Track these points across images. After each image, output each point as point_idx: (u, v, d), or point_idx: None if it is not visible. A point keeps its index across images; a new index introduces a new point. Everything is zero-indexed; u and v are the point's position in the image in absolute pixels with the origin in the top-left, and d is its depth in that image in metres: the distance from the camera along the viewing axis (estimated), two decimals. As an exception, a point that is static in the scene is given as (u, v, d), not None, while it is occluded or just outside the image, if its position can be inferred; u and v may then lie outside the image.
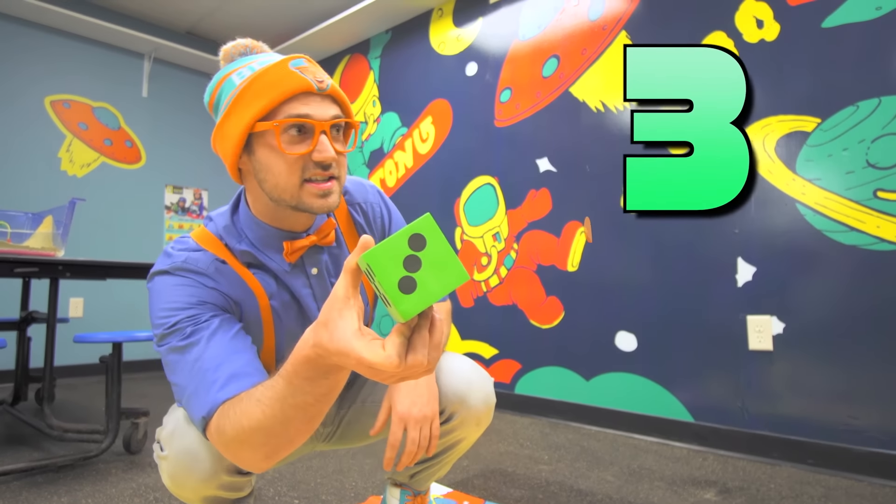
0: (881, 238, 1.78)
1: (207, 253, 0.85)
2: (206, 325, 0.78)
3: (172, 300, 0.80)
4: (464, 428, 1.03)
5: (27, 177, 3.35)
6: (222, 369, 0.74)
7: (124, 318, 3.67)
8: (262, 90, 0.77)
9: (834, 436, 1.83)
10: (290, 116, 0.78)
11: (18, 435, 2.20)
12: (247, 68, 0.81)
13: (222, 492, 0.84)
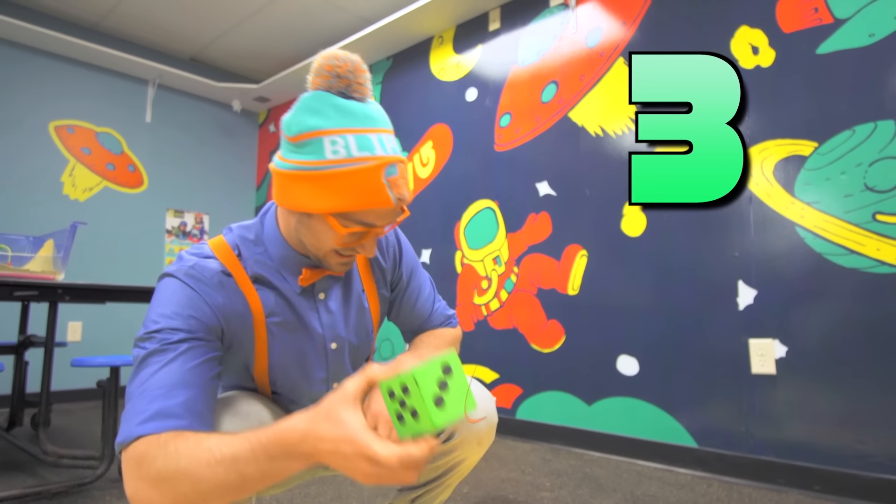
0: (881, 261, 1.78)
1: (216, 262, 0.85)
2: (174, 348, 0.76)
3: (165, 306, 0.79)
4: (465, 447, 1.01)
5: (30, 200, 3.37)
6: (156, 402, 0.71)
7: (123, 342, 3.64)
8: (349, 193, 0.77)
9: (841, 461, 1.80)
10: (359, 224, 0.81)
11: (13, 461, 2.17)
12: (343, 144, 0.77)
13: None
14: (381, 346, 3.22)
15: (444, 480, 1.07)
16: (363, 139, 0.78)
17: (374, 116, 0.81)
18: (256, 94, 4.15)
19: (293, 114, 0.81)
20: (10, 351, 2.36)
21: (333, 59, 0.79)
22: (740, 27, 2.14)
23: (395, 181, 0.79)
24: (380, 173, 0.77)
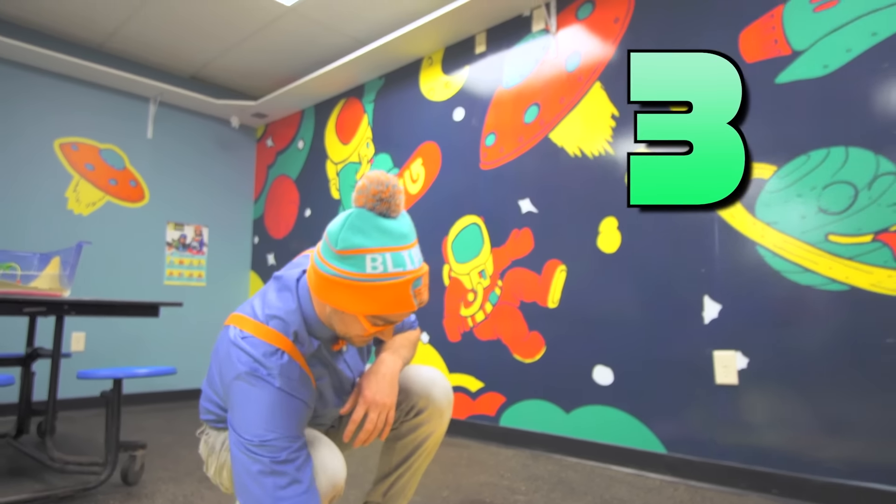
0: (833, 279, 1.91)
1: (292, 362, 0.98)
2: (300, 455, 0.94)
3: (272, 416, 0.93)
4: (431, 421, 1.19)
5: (35, 216, 3.51)
6: (301, 490, 0.91)
7: (125, 352, 3.78)
8: (382, 300, 0.93)
9: (797, 467, 1.92)
10: (385, 322, 0.98)
11: (21, 467, 2.30)
12: (381, 262, 0.91)
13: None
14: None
15: (413, 461, 1.20)
16: (398, 256, 0.92)
17: (406, 234, 0.95)
18: (254, 110, 4.30)
19: (341, 230, 0.93)
20: (19, 363, 2.49)
21: (378, 185, 0.92)
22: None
23: (419, 291, 0.96)
24: (408, 286, 0.93)
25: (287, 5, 3.26)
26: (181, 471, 2.24)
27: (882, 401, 1.79)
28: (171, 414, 3.60)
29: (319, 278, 0.95)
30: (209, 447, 1.16)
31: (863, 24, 1.93)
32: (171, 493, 1.97)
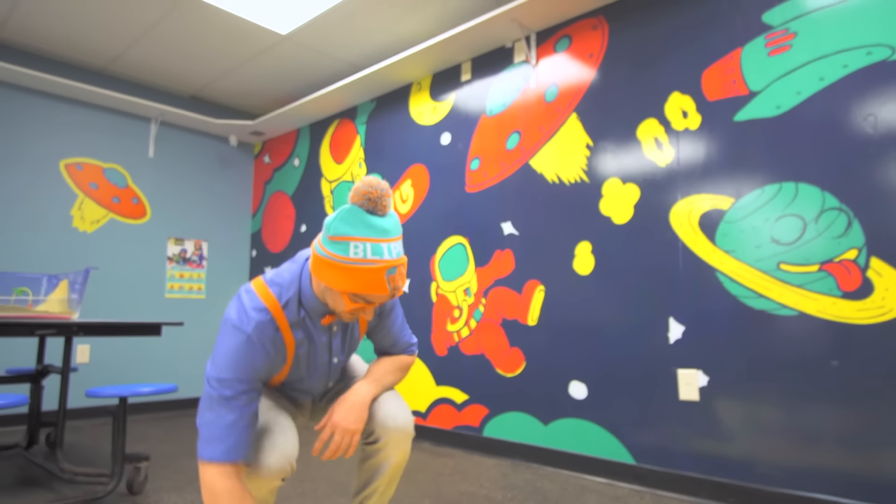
0: (784, 304, 2.07)
1: (272, 322, 1.19)
2: (245, 394, 1.15)
3: (236, 360, 1.15)
4: (387, 449, 1.33)
5: (42, 233, 3.67)
6: (241, 436, 1.13)
7: (128, 363, 3.94)
8: (360, 281, 1.12)
9: (751, 477, 2.08)
10: (363, 300, 1.16)
11: (32, 477, 2.46)
12: (362, 249, 1.11)
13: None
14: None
15: (378, 484, 1.36)
16: (377, 247, 1.12)
17: (389, 229, 1.14)
18: (252, 129, 4.46)
19: (334, 220, 1.13)
20: (30, 379, 2.65)
21: (368, 187, 1.12)
22: (673, 93, 2.43)
23: (393, 277, 1.14)
24: (383, 272, 1.12)
25: (283, 34, 3.42)
26: (182, 480, 2.40)
27: (828, 418, 1.95)
28: (171, 423, 3.76)
29: (314, 259, 1.16)
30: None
31: (811, 70, 2.09)
32: (173, 502, 2.12)
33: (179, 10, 3.18)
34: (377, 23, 3.28)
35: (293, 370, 1.31)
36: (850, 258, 1.95)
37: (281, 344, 1.22)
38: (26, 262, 3.59)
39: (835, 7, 2.05)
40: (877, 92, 1.95)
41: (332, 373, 1.39)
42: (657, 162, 2.45)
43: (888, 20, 1.94)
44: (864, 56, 1.98)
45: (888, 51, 1.93)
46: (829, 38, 2.05)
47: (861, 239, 1.93)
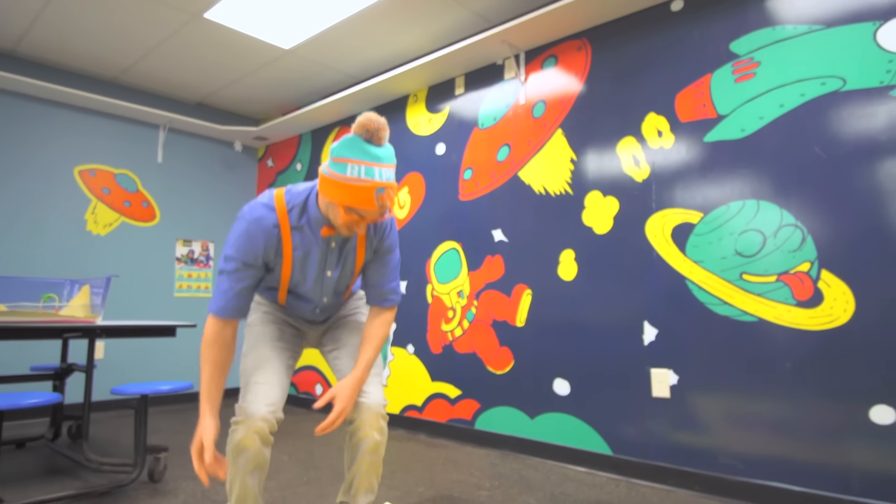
0: (745, 311, 2.28)
1: (272, 216, 1.45)
2: (238, 272, 1.45)
3: (238, 242, 1.44)
4: (362, 430, 1.55)
5: (58, 237, 3.87)
6: (225, 301, 1.45)
7: (140, 358, 4.15)
8: (353, 196, 1.34)
9: (714, 467, 2.30)
10: (356, 213, 1.38)
11: (59, 466, 2.68)
12: (357, 170, 1.33)
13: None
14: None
15: (361, 463, 1.56)
16: (369, 170, 1.33)
17: (381, 157, 1.36)
18: (256, 134, 4.64)
19: (338, 145, 1.36)
20: (56, 376, 2.86)
21: (368, 120, 1.34)
22: (649, 113, 2.63)
23: (381, 196, 1.35)
24: (372, 191, 1.34)
25: (286, 48, 3.60)
26: (197, 470, 2.62)
27: (782, 414, 2.16)
28: (184, 415, 3.98)
29: (320, 177, 1.40)
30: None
31: (773, 97, 2.28)
32: (190, 489, 2.34)
33: (189, 27, 3.36)
34: (375, 38, 3.47)
35: (293, 274, 1.53)
36: (804, 270, 2.15)
37: (277, 240, 1.47)
38: (44, 265, 3.80)
39: (794, 39, 2.24)
40: (830, 119, 2.14)
41: (326, 287, 1.59)
42: (634, 177, 2.65)
43: (840, 54, 2.13)
44: (819, 86, 2.18)
45: (840, 82, 2.13)
46: (789, 69, 2.25)
47: (813, 253, 2.14)
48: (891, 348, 1.96)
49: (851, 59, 2.11)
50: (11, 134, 3.74)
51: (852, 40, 2.11)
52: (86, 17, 3.27)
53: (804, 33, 2.22)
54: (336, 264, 1.57)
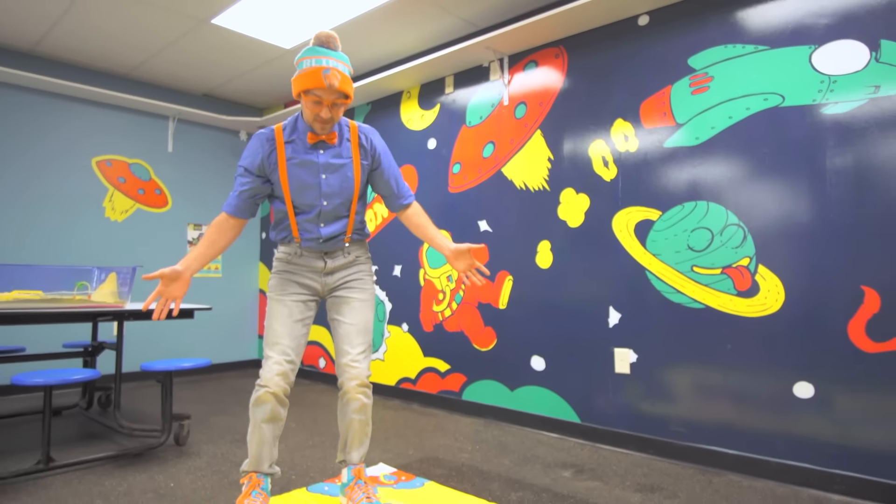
0: (695, 299, 2.60)
1: (270, 132, 1.86)
2: (244, 176, 1.87)
3: (245, 153, 1.89)
4: (349, 393, 1.91)
5: (78, 223, 4.19)
6: (232, 199, 1.87)
7: (156, 334, 4.51)
8: (307, 79, 1.71)
9: (666, 433, 2.65)
10: (314, 96, 1.73)
11: (93, 432, 3.05)
12: (310, 61, 1.72)
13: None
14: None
15: (350, 423, 1.90)
16: (318, 60, 1.72)
17: (329, 53, 1.74)
18: (259, 124, 4.91)
19: (301, 53, 1.75)
20: (89, 353, 3.22)
21: (321, 33, 1.76)
22: (617, 119, 2.90)
23: (328, 76, 1.69)
24: (320, 71, 1.70)
25: (286, 48, 3.85)
26: (215, 434, 2.99)
27: (723, 388, 2.50)
28: (200, 385, 4.36)
29: (292, 80, 1.78)
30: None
31: (723, 109, 2.56)
32: (210, 451, 2.71)
33: (197, 31, 3.61)
34: (371, 39, 3.71)
35: (290, 181, 1.84)
36: (744, 265, 2.46)
37: (272, 150, 1.84)
38: (66, 250, 4.12)
39: (743, 57, 2.51)
40: (770, 131, 2.42)
41: (325, 192, 1.86)
42: (604, 177, 2.94)
43: (780, 73, 2.40)
44: (762, 101, 2.45)
45: (779, 98, 2.40)
46: (737, 84, 2.52)
47: (752, 249, 2.45)
48: (812, 334, 2.28)
49: (790, 78, 2.38)
50: (33, 130, 4.03)
51: (791, 61, 2.38)
52: (101, 20, 3.52)
53: (752, 52, 2.49)
54: (330, 170, 1.87)
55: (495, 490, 2.23)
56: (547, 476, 2.41)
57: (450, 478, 2.37)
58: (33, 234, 4.00)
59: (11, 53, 3.96)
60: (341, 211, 1.92)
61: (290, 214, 1.89)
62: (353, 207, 1.94)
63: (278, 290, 1.92)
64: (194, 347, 4.75)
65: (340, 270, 1.97)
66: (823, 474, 2.22)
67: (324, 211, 1.89)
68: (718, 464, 2.48)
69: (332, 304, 2.00)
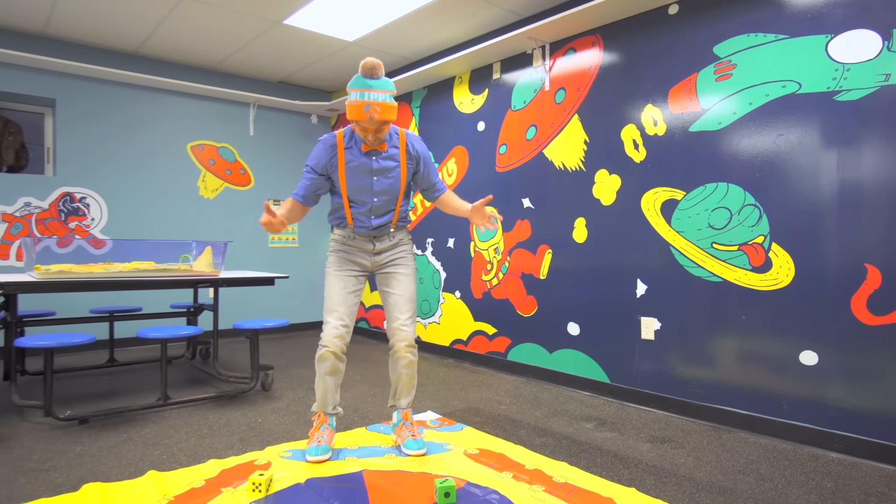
0: (714, 273, 2.82)
1: (333, 139, 2.23)
2: (311, 173, 2.27)
3: (312, 154, 2.28)
4: (397, 353, 2.35)
5: (177, 202, 4.85)
6: (300, 189, 2.29)
7: (242, 297, 5.17)
8: (354, 112, 2.07)
9: (685, 394, 2.93)
10: (357, 124, 2.12)
11: (196, 378, 3.68)
12: (357, 94, 2.06)
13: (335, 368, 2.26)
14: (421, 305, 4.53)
15: (399, 376, 2.34)
16: (362, 95, 2.06)
17: (372, 85, 2.07)
18: (328, 107, 5.37)
19: (351, 81, 2.11)
20: (191, 313, 3.85)
21: (364, 62, 2.08)
22: (647, 105, 3.10)
23: (369, 111, 2.05)
24: (362, 106, 2.06)
25: (349, 41, 4.24)
26: (294, 383, 3.55)
27: (737, 354, 2.74)
28: (280, 342, 5.00)
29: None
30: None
31: (744, 95, 2.71)
32: (290, 396, 3.25)
33: (272, 30, 4.06)
34: (424, 30, 4.03)
35: (348, 179, 2.21)
36: (759, 242, 2.66)
37: (334, 153, 2.21)
38: (170, 225, 4.80)
39: (764, 46, 2.65)
40: (786, 117, 2.58)
41: (376, 191, 2.23)
42: (634, 159, 3.16)
43: (797, 61, 2.53)
44: (780, 88, 2.60)
45: (796, 85, 2.54)
46: (758, 72, 2.67)
47: (767, 228, 2.64)
48: (818, 307, 2.48)
49: (807, 66, 2.51)
50: (138, 122, 4.68)
51: (809, 50, 2.50)
52: (193, 24, 4.04)
53: (772, 41, 2.62)
54: (380, 174, 2.23)
55: (523, 436, 2.61)
56: (571, 426, 2.76)
57: (486, 424, 2.77)
58: (142, 213, 4.69)
59: (120, 55, 4.59)
60: (389, 206, 2.31)
61: (346, 207, 2.29)
62: (398, 203, 2.33)
63: (335, 266, 2.34)
64: (276, 309, 5.39)
65: (387, 251, 2.37)
66: (824, 434, 2.45)
67: (374, 206, 2.28)
68: (730, 422, 2.74)
69: (382, 279, 2.41)
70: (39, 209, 4.26)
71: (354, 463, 2.18)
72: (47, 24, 4.02)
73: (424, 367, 4.08)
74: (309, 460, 2.18)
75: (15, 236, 4.19)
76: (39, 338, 2.63)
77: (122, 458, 2.26)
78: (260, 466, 2.14)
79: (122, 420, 2.77)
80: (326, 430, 2.31)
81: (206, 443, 2.45)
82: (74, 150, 4.41)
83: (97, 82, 4.50)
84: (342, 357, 2.29)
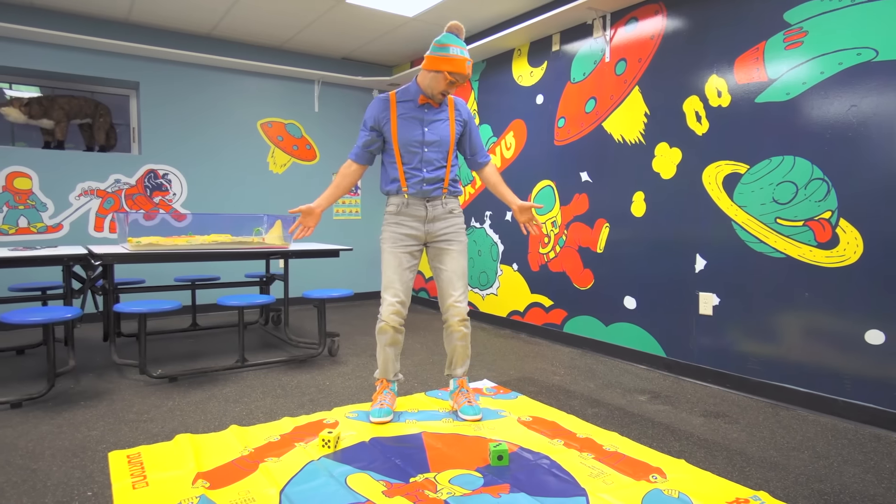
0: (777, 249, 2.77)
1: (386, 95, 2.38)
2: (365, 129, 2.42)
3: (367, 112, 2.42)
4: (451, 326, 2.48)
5: (248, 177, 5.13)
6: (357, 149, 2.45)
7: (309, 267, 5.44)
8: (457, 65, 2.22)
9: (742, 370, 2.92)
10: (453, 76, 2.25)
11: (269, 342, 3.96)
12: (457, 50, 2.22)
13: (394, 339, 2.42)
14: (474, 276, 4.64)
15: (454, 347, 2.47)
16: (462, 52, 2.25)
17: (465, 45, 2.27)
18: (389, 82, 5.47)
19: (443, 37, 2.26)
20: (264, 283, 4.13)
21: (455, 24, 2.29)
22: (711, 75, 3.02)
23: (469, 67, 2.26)
24: (464, 62, 2.24)
25: (409, 16, 4.30)
26: (358, 349, 3.76)
27: (799, 331, 2.70)
28: (344, 311, 5.25)
29: (430, 59, 2.25)
30: None
31: (815, 64, 2.60)
32: (354, 362, 3.46)
33: (336, 9, 4.17)
34: (483, 3, 4.03)
35: (400, 132, 2.32)
36: (826, 218, 2.58)
37: (387, 105, 2.35)
38: (239, 199, 5.09)
39: (838, 11, 2.52)
40: (861, 87, 2.46)
41: (427, 142, 2.33)
42: (696, 131, 3.10)
43: (875, 26, 2.41)
44: (854, 56, 2.48)
45: (873, 52, 2.42)
46: (831, 39, 2.55)
47: (835, 204, 2.55)
48: (886, 286, 2.40)
49: (885, 32, 2.38)
50: (213, 102, 4.95)
51: (886, 14, 2.37)
52: (262, 6, 4.21)
53: (847, 6, 2.49)
54: (431, 126, 2.34)
55: (575, 406, 2.70)
56: (624, 398, 2.82)
57: (539, 394, 2.87)
58: (216, 187, 5.00)
59: (195, 38, 4.85)
60: (439, 160, 2.37)
61: (399, 165, 2.35)
62: (448, 160, 2.40)
63: (390, 242, 2.43)
64: (342, 279, 5.64)
65: (439, 220, 2.42)
66: (888, 414, 2.40)
67: (425, 157, 2.34)
68: (788, 399, 2.72)
69: (434, 254, 2.50)
70: (128, 185, 4.63)
71: (414, 425, 2.34)
72: (130, 10, 4.30)
73: (482, 336, 4.20)
74: (373, 421, 2.36)
75: (108, 210, 4.58)
76: (134, 304, 2.92)
77: (208, 413, 2.51)
78: (329, 425, 2.33)
79: (206, 379, 3.05)
80: (388, 395, 2.48)
81: (280, 402, 2.68)
82: (157, 130, 4.73)
83: (175, 65, 4.78)
84: (401, 330, 2.43)
